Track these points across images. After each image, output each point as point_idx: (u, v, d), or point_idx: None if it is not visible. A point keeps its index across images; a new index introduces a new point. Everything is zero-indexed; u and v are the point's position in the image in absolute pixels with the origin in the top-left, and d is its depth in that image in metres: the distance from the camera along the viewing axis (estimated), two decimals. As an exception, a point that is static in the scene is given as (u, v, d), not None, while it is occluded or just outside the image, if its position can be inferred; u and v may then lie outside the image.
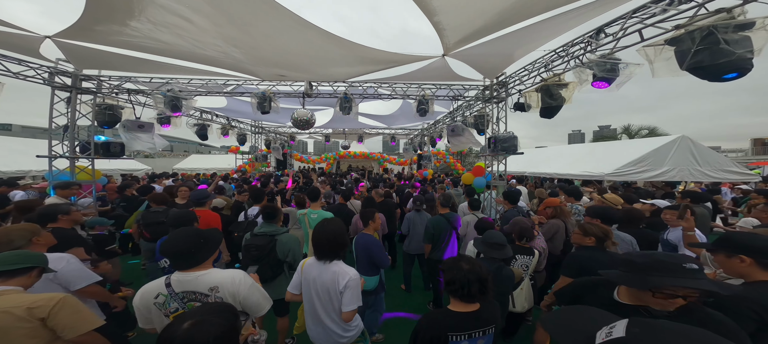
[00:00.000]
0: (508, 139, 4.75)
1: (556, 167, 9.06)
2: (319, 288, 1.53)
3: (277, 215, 2.28)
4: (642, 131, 18.94)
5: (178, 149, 57.47)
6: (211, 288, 1.28)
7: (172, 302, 1.24)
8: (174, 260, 1.30)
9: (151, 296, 1.25)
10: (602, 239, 1.93)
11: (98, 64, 4.60)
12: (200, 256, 1.32)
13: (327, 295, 1.52)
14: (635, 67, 2.75)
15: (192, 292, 1.26)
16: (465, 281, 1.23)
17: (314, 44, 3.59)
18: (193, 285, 1.27)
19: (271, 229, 2.19)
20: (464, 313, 1.26)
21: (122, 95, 5.68)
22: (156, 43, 3.43)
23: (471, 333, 1.23)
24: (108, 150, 4.86)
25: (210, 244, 1.38)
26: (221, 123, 9.00)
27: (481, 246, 2.04)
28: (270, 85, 5.66)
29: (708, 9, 1.89)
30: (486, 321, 1.26)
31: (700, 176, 6.74)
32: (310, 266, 1.59)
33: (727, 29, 1.68)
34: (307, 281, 1.57)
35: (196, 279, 1.28)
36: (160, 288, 1.26)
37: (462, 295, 1.25)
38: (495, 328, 1.29)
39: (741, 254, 1.20)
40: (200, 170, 13.54)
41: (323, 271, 1.54)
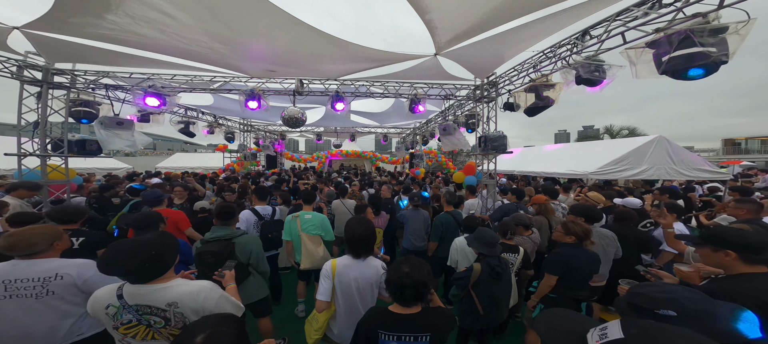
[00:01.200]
0: (498, 138, 4.84)
1: (542, 166, 9.32)
2: (362, 285, 1.53)
3: (233, 216, 2.14)
4: (623, 131, 19.78)
5: (162, 147, 55.26)
6: (170, 303, 1.14)
7: (124, 314, 1.11)
8: (125, 278, 1.15)
9: (102, 305, 1.13)
10: (582, 238, 2.01)
11: (72, 57, 4.34)
12: (155, 271, 1.16)
13: (370, 290, 1.54)
14: (618, 69, 2.86)
15: (148, 306, 1.13)
16: (399, 284, 1.21)
17: (305, 42, 3.52)
18: (148, 300, 1.13)
19: (226, 232, 2.02)
20: (398, 314, 1.26)
21: (99, 90, 5.39)
22: (135, 37, 3.26)
23: (401, 335, 1.22)
24: (83, 148, 4.59)
25: (167, 256, 1.21)
26: (207, 121, 8.72)
27: (482, 247, 2.04)
28: (259, 82, 5.52)
29: (685, 13, 1.98)
30: (421, 328, 1.23)
31: (676, 174, 7.10)
32: (347, 267, 1.55)
33: (702, 33, 1.77)
34: (347, 282, 1.52)
35: (152, 293, 1.13)
36: (110, 298, 1.13)
37: (396, 297, 1.26)
38: (431, 338, 1.23)
39: (727, 249, 1.24)
40: (185, 168, 13.07)
41: (365, 267, 1.55)
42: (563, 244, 2.10)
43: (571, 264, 1.99)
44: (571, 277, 2.01)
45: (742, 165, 17.81)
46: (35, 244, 1.42)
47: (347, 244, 1.59)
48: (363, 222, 1.62)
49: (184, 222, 2.77)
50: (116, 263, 1.11)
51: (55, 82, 4.60)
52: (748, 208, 2.62)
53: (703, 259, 1.39)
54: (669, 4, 2.06)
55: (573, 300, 2.05)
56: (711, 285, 1.29)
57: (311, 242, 2.64)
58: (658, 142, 7.13)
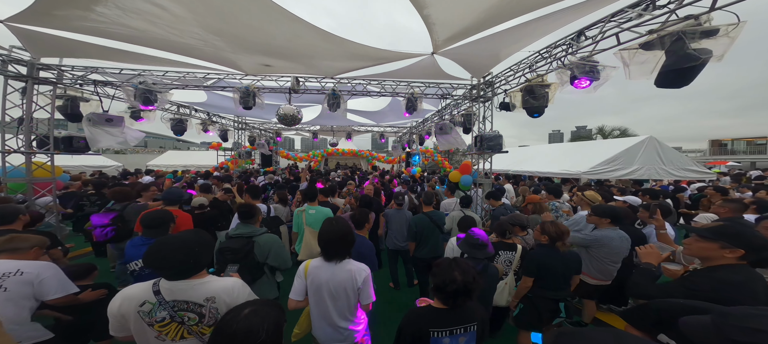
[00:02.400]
0: (493, 138, 4.88)
1: (537, 165, 9.46)
2: (333, 289, 1.49)
3: (254, 215, 2.15)
4: (614, 131, 20.17)
5: (153, 144, 54.13)
6: (208, 298, 1.18)
7: (159, 311, 1.13)
8: (168, 275, 1.17)
9: (136, 303, 1.12)
10: (554, 239, 2.05)
11: (59, 52, 4.20)
12: (196, 266, 1.20)
13: (343, 294, 1.51)
14: (611, 70, 2.91)
15: (185, 301, 1.16)
16: (454, 291, 1.23)
17: (301, 38, 3.48)
18: (187, 295, 1.16)
19: (248, 230, 2.06)
20: (445, 310, 1.28)
21: (87, 86, 5.24)
22: (126, 30, 3.17)
23: (452, 329, 1.26)
24: (70, 145, 4.46)
25: (206, 252, 1.27)
26: (201, 118, 8.56)
27: (465, 247, 2.07)
28: (254, 79, 5.44)
29: (678, 15, 2.03)
30: (467, 319, 1.28)
31: (665, 174, 7.29)
32: (318, 268, 1.53)
33: (693, 35, 1.81)
34: (317, 284, 1.51)
35: (191, 288, 1.17)
36: (146, 294, 1.14)
37: (449, 303, 1.27)
38: (477, 326, 1.30)
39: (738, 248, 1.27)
40: (178, 167, 12.83)
41: (337, 271, 1.51)
42: (542, 246, 2.14)
43: (545, 265, 2.03)
44: (546, 277, 2.04)
45: (728, 165, 18.35)
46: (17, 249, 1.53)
47: (320, 246, 1.56)
48: (337, 225, 1.57)
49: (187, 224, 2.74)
50: (163, 258, 1.14)
51: (40, 77, 4.45)
52: (731, 207, 2.70)
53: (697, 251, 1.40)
54: (663, 6, 2.10)
55: (550, 300, 2.07)
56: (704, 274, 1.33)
57: (313, 236, 2.67)
58: (649, 142, 7.32)
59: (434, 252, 3.05)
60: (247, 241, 1.98)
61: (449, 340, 1.26)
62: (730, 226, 1.38)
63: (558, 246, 2.06)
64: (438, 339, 1.25)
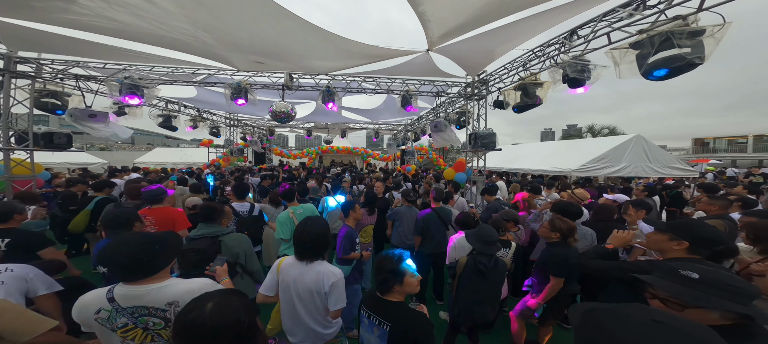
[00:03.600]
0: (487, 135, 4.93)
1: (529, 163, 9.62)
2: (300, 290, 1.45)
3: (216, 216, 2.04)
4: (604, 130, 20.68)
5: (141, 141, 52.54)
6: (170, 303, 1.09)
7: (118, 317, 1.07)
8: (117, 272, 1.09)
9: (91, 311, 1.06)
10: (567, 235, 2.04)
11: (38, 46, 4.01)
12: (151, 266, 1.11)
13: (309, 296, 1.45)
14: (602, 69, 2.97)
15: (144, 307, 1.08)
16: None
17: (294, 35, 3.42)
18: (144, 301, 1.08)
19: (213, 230, 1.95)
20: (377, 297, 1.33)
21: (69, 80, 5.02)
22: (111, 24, 3.04)
23: (370, 314, 1.30)
24: (51, 141, 4.28)
25: (167, 251, 1.18)
26: (190, 115, 8.34)
27: (477, 243, 2.03)
28: (246, 75, 5.33)
29: (667, 15, 2.08)
30: (382, 314, 1.26)
31: (651, 172, 7.52)
32: (289, 266, 1.50)
33: (681, 35, 1.86)
34: (286, 282, 1.48)
35: (148, 294, 1.08)
36: (100, 302, 1.07)
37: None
38: (392, 329, 1.22)
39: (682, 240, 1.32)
40: (167, 164, 12.50)
41: (305, 272, 1.45)
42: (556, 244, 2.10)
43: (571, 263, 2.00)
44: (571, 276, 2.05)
45: (709, 163, 19.07)
46: None
47: (294, 243, 1.51)
48: (312, 224, 1.51)
49: (181, 222, 2.60)
50: (114, 254, 1.08)
51: (18, 71, 4.24)
52: (719, 204, 2.80)
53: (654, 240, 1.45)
54: (653, 6, 2.16)
55: (570, 296, 2.11)
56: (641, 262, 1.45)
57: None
58: (636, 141, 7.52)
59: (438, 248, 3.06)
60: (212, 241, 1.89)
61: (367, 323, 1.31)
62: (682, 220, 1.45)
63: (570, 242, 2.05)
64: (362, 317, 1.35)
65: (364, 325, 1.34)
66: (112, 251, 1.09)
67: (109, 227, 1.82)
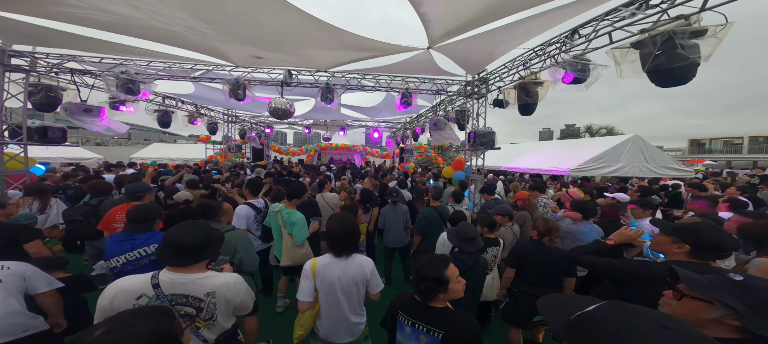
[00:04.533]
0: (486, 134, 4.93)
1: (527, 162, 9.65)
2: (345, 284, 1.50)
3: (215, 214, 2.07)
4: (601, 130, 20.78)
5: (137, 136, 52.02)
6: (208, 293, 1.15)
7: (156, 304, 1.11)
8: (177, 254, 1.15)
9: (132, 297, 1.08)
10: (542, 234, 2.11)
11: (32, 39, 3.93)
12: (203, 254, 1.20)
13: (355, 288, 1.53)
14: (603, 69, 2.97)
15: (184, 296, 1.13)
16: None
17: (294, 27, 3.37)
18: (188, 289, 1.13)
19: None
20: (417, 301, 1.26)
21: (64, 74, 4.94)
22: (107, 17, 2.98)
23: (415, 322, 1.23)
24: (45, 135, 4.21)
25: (218, 241, 1.30)
26: (188, 110, 8.26)
27: (455, 240, 2.04)
28: (245, 71, 5.27)
29: (670, 15, 2.07)
30: (433, 322, 1.21)
31: (648, 172, 7.56)
32: (328, 265, 1.51)
33: (684, 35, 1.86)
34: (329, 281, 1.49)
35: (193, 282, 1.14)
36: (144, 287, 1.10)
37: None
38: (443, 336, 1.19)
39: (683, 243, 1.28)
40: (163, 160, 12.39)
41: (347, 266, 1.52)
42: (532, 241, 2.20)
43: (526, 257, 2.10)
44: (527, 271, 2.10)
45: (705, 164, 19.23)
46: None
47: (328, 242, 1.54)
48: (344, 220, 1.56)
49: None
50: (177, 235, 1.15)
51: (12, 64, 4.17)
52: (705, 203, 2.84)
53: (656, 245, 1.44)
54: (655, 6, 2.15)
55: (532, 297, 2.04)
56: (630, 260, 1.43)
57: (291, 240, 2.54)
58: (634, 141, 7.56)
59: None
60: None
61: (410, 330, 1.25)
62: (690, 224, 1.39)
63: (545, 241, 2.10)
64: (402, 324, 1.28)
65: (405, 333, 1.27)
66: (182, 232, 1.17)
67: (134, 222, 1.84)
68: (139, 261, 1.71)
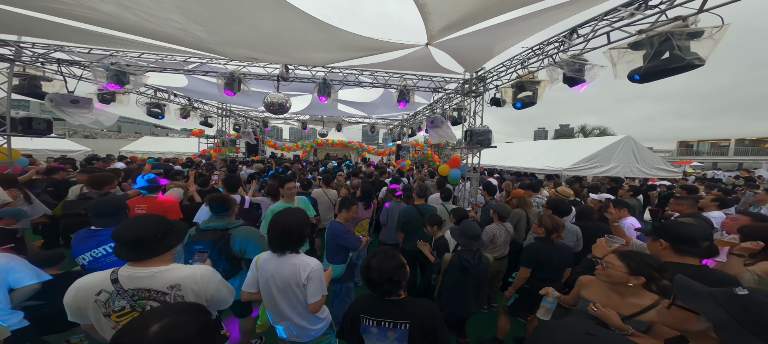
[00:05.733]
0: (483, 133, 4.94)
1: (522, 161, 9.75)
2: (278, 283, 1.42)
3: (229, 207, 2.01)
4: (595, 130, 21.12)
5: (128, 129, 50.72)
6: (172, 285, 1.12)
7: (117, 300, 1.08)
8: (129, 248, 1.11)
9: (91, 293, 1.06)
10: (550, 231, 2.13)
11: (17, 29, 3.76)
12: (161, 246, 1.15)
13: (289, 289, 1.42)
14: (599, 69, 2.99)
15: (146, 290, 1.10)
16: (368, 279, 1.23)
17: (291, 27, 3.30)
18: (148, 283, 1.10)
19: (223, 223, 1.91)
20: (377, 298, 1.25)
21: (50, 65, 4.76)
22: (95, 15, 2.86)
23: (380, 320, 1.21)
24: (29, 127, 4.06)
25: (175, 234, 1.23)
26: (181, 104, 8.06)
27: (459, 238, 2.09)
28: (240, 65, 5.16)
29: (668, 16, 2.10)
30: (400, 314, 1.21)
31: (638, 172, 7.73)
32: (266, 261, 1.47)
33: (681, 36, 1.88)
34: (265, 277, 1.45)
35: (152, 276, 1.11)
36: (102, 283, 1.08)
37: (372, 289, 1.26)
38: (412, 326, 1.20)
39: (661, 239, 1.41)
40: (154, 153, 12.11)
41: (281, 264, 1.42)
42: (540, 239, 2.22)
43: (543, 257, 2.12)
44: (543, 269, 2.12)
45: (692, 165, 19.74)
46: None
47: (268, 236, 1.47)
48: (289, 216, 1.47)
49: (173, 211, 2.55)
50: (125, 230, 1.11)
51: (-6, 51, 3.99)
52: (688, 203, 2.91)
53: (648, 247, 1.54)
54: (654, 6, 2.17)
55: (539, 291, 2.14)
56: None
57: None
58: (626, 142, 7.70)
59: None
60: (222, 234, 1.84)
61: (377, 331, 1.22)
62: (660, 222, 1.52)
63: (553, 238, 2.13)
64: (366, 327, 1.23)
65: (371, 334, 1.23)
66: (127, 226, 1.13)
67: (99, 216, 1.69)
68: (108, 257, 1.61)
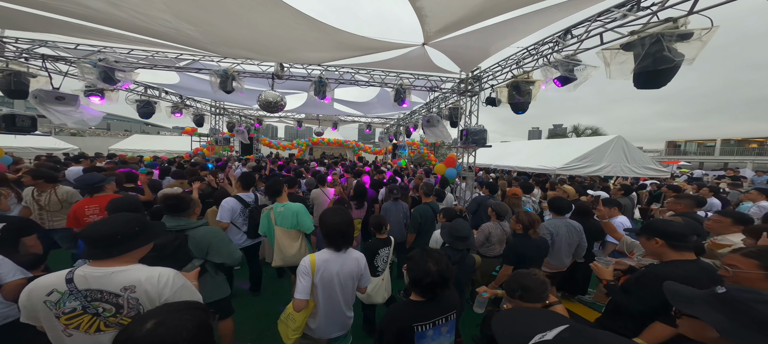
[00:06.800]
0: (478, 132, 4.98)
1: (517, 160, 9.87)
2: (343, 279, 1.51)
3: (186, 207, 1.89)
4: (587, 130, 21.52)
5: (117, 127, 49.46)
6: (125, 287, 1.05)
7: (69, 300, 1.01)
8: (93, 245, 1.06)
9: (42, 292, 1.01)
10: (527, 227, 2.20)
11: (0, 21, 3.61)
12: (125, 246, 1.10)
13: (351, 282, 1.54)
14: (592, 70, 3.05)
15: (99, 291, 1.04)
16: (431, 283, 1.21)
17: (286, 26, 3.24)
18: (102, 283, 1.04)
19: (179, 223, 1.81)
20: (427, 303, 1.27)
21: (35, 60, 4.60)
22: (83, 10, 2.76)
23: (435, 320, 1.27)
24: (13, 124, 3.93)
25: (143, 235, 1.16)
26: (172, 101, 7.90)
27: (448, 237, 2.11)
28: (233, 62, 5.08)
29: (659, 17, 2.14)
30: (447, 308, 1.30)
31: (629, 171, 7.91)
32: (327, 261, 1.50)
33: (671, 38, 1.92)
34: (328, 277, 1.48)
35: (108, 276, 1.05)
36: (56, 283, 1.03)
37: (425, 294, 1.25)
38: (456, 313, 1.34)
39: (655, 237, 1.43)
40: (144, 152, 11.85)
41: (346, 260, 1.53)
42: (516, 234, 2.29)
43: (521, 253, 2.19)
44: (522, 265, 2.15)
45: (679, 165, 20.30)
46: None
47: (325, 237, 1.52)
48: (340, 213, 1.55)
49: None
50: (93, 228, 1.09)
51: (-26, 45, 3.83)
52: (685, 203, 2.99)
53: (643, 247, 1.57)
54: (646, 7, 2.22)
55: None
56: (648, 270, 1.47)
57: (286, 237, 2.38)
58: (616, 141, 7.86)
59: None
60: (176, 235, 1.74)
61: (433, 332, 1.26)
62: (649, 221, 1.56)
63: (530, 234, 2.19)
64: (422, 333, 1.24)
65: (427, 339, 1.25)
66: (96, 224, 1.11)
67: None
68: None
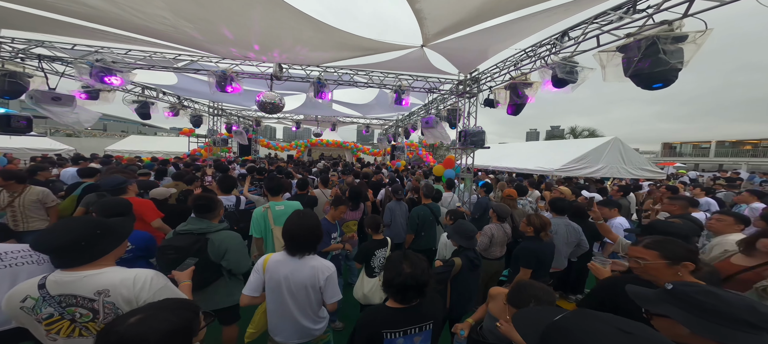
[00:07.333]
0: (477, 133, 5.01)
1: (515, 162, 9.92)
2: (293, 286, 1.40)
3: (213, 208, 1.89)
4: (584, 132, 21.69)
5: (114, 128, 49.09)
6: (99, 291, 1.02)
7: (44, 307, 1.00)
8: (54, 257, 1.03)
9: (18, 299, 0.99)
10: (539, 230, 2.18)
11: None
12: (92, 252, 1.06)
13: (304, 292, 1.41)
14: (589, 72, 3.08)
15: (73, 296, 1.01)
16: (402, 284, 1.15)
17: (286, 26, 3.25)
18: (74, 288, 1.01)
19: (201, 226, 1.80)
20: (399, 309, 1.21)
21: (31, 60, 4.56)
22: (81, 8, 2.76)
23: (406, 329, 1.20)
24: (8, 125, 3.90)
25: (110, 237, 1.12)
26: (169, 102, 7.86)
27: (461, 239, 2.09)
28: (232, 63, 5.07)
29: (655, 20, 2.17)
30: (423, 317, 1.22)
31: (625, 173, 7.97)
32: (278, 263, 1.43)
33: (666, 40, 1.95)
34: (276, 279, 1.42)
35: (80, 280, 1.01)
36: (29, 289, 1.01)
37: (398, 299, 1.20)
38: (434, 324, 1.25)
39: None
40: (142, 153, 11.76)
41: (299, 267, 1.41)
42: (528, 238, 2.26)
43: (541, 256, 2.18)
44: (539, 268, 2.18)
45: (676, 167, 20.51)
46: None
47: (284, 238, 1.45)
48: (303, 217, 1.47)
49: (150, 212, 2.46)
50: (46, 237, 1.03)
51: (-31, 45, 3.80)
52: (680, 204, 3.01)
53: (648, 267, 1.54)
54: (642, 10, 2.25)
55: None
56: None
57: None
58: (613, 143, 7.92)
59: (431, 244, 3.07)
60: (197, 238, 1.73)
61: (403, 340, 1.20)
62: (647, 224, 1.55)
63: (542, 236, 2.18)
64: (392, 340, 1.18)
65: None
66: (48, 232, 1.05)
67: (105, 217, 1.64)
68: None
